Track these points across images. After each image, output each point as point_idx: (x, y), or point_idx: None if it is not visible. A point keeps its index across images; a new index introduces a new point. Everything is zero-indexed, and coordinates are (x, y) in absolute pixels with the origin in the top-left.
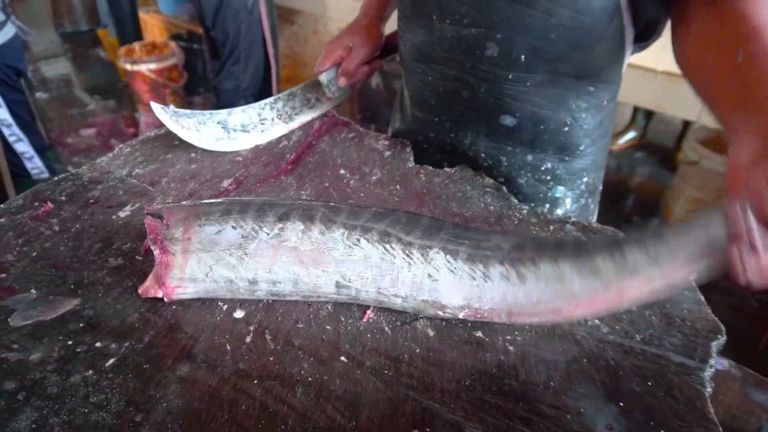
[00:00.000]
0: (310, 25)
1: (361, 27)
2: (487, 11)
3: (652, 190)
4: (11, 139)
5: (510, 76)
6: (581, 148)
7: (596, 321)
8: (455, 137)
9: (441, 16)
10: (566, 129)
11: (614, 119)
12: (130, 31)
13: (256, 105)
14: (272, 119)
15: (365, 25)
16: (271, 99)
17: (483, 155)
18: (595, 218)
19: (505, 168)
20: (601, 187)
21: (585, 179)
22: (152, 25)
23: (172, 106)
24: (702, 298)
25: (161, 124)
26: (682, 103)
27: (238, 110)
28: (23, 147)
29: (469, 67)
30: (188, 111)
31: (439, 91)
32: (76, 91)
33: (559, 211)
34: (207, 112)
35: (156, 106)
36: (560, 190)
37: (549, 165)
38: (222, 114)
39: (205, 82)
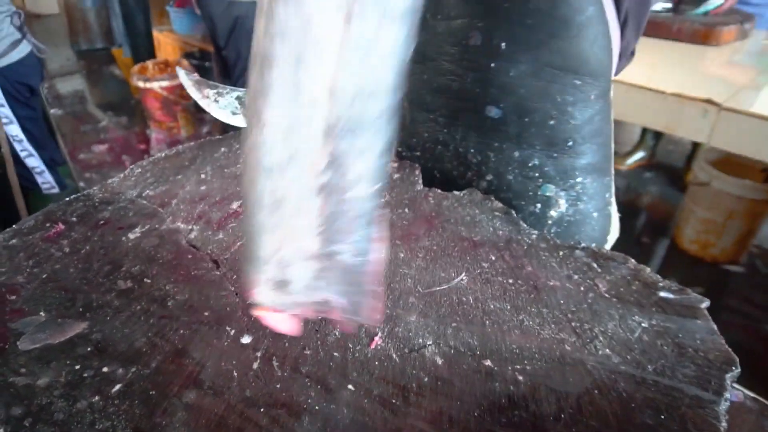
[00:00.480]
0: None
1: None
2: (472, 0)
3: (662, 211)
4: (22, 154)
5: (493, 65)
6: (569, 144)
7: (607, 350)
8: (448, 133)
9: (433, 13)
10: (552, 123)
11: (610, 122)
12: (144, 50)
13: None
14: None
15: None
16: None
17: (472, 151)
18: (613, 232)
19: (493, 164)
20: (611, 198)
21: (579, 179)
22: (165, 43)
23: (196, 74)
24: (715, 327)
25: (172, 142)
26: (692, 125)
27: None
28: (34, 162)
29: (458, 58)
30: (210, 82)
31: (434, 87)
32: (90, 108)
33: (553, 213)
34: (228, 87)
35: (181, 72)
36: (550, 189)
37: (537, 161)
38: (241, 91)
39: None
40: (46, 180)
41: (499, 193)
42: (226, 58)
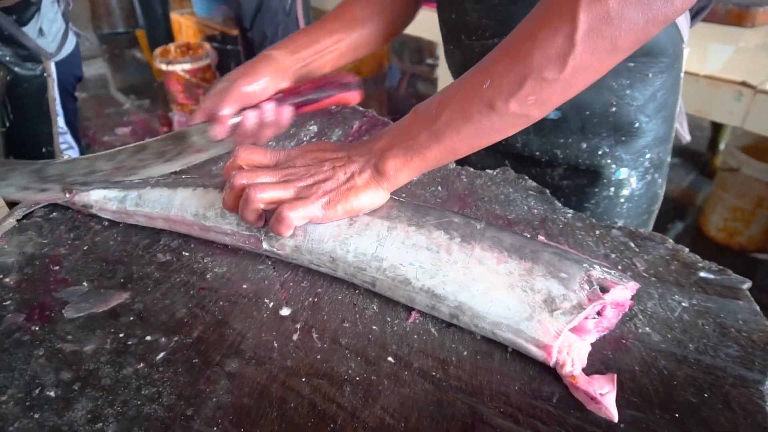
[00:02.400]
0: None
1: (244, 65)
2: (499, 16)
3: (685, 196)
4: (63, 146)
5: None
6: (636, 125)
7: (647, 329)
8: (506, 141)
9: (467, 35)
10: (613, 109)
11: (676, 91)
12: (161, 34)
13: (89, 156)
14: (109, 172)
15: (250, 61)
16: (113, 150)
17: (537, 153)
18: (662, 191)
19: (562, 159)
20: (668, 159)
21: (648, 155)
22: (186, 26)
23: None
24: (758, 308)
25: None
26: (725, 108)
27: (59, 162)
28: (73, 154)
29: None
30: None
31: None
32: (112, 91)
33: (626, 192)
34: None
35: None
36: (623, 172)
37: (606, 148)
38: (38, 164)
39: None
40: None
41: (575, 179)
42: (252, 39)
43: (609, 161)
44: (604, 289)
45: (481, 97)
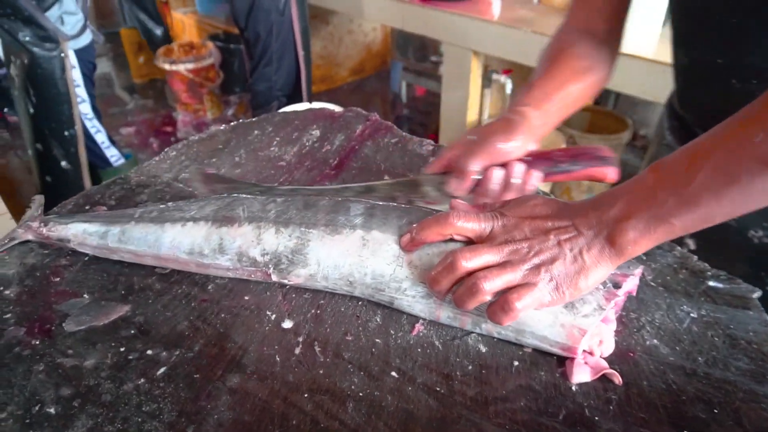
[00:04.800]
0: (345, 25)
1: (495, 120)
2: None
3: None
4: (92, 130)
5: None
6: None
7: (655, 341)
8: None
9: (743, 78)
10: None
11: None
12: (156, 35)
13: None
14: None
15: (502, 117)
16: (338, 185)
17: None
18: None
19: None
20: None
21: None
22: (189, 25)
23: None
24: None
25: (198, 124)
26: None
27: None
28: (102, 137)
29: None
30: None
31: None
32: (117, 90)
33: None
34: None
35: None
36: None
37: None
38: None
39: (242, 81)
40: (113, 153)
41: None
42: (247, 39)
43: None
44: (617, 285)
45: (752, 153)
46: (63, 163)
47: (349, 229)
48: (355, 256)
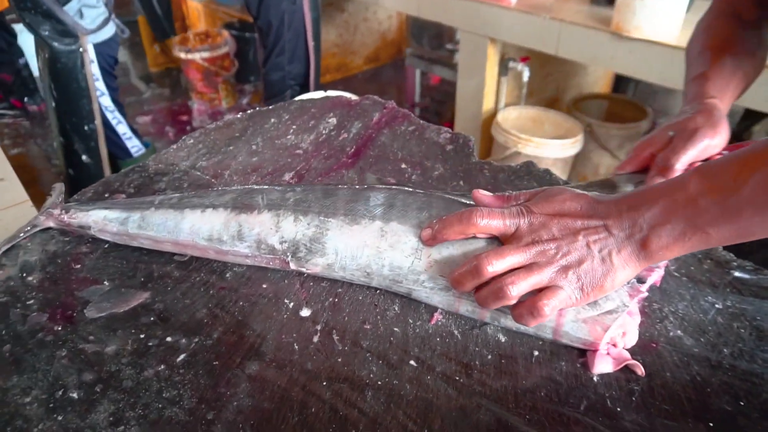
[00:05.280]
0: (360, 12)
1: (689, 114)
2: None
3: None
4: (113, 122)
5: None
6: None
7: (679, 332)
8: None
9: None
10: None
11: None
12: (164, 25)
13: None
14: None
15: (698, 111)
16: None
17: None
18: None
19: None
20: None
21: None
22: (205, 14)
23: None
24: None
25: (213, 113)
26: None
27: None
28: (123, 128)
29: None
30: None
31: None
32: (133, 80)
33: None
34: None
35: None
36: None
37: None
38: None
39: (256, 70)
40: (134, 144)
41: None
42: (261, 27)
43: None
44: (641, 280)
45: None
46: (84, 157)
47: (369, 219)
48: (374, 248)
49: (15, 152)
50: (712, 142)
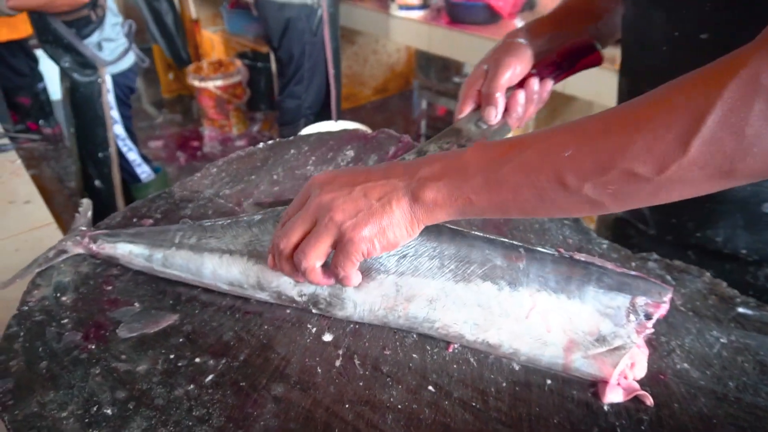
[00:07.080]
0: (370, 45)
1: (497, 49)
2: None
3: None
4: (124, 149)
5: None
6: None
7: (685, 365)
8: (702, 236)
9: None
10: None
11: None
12: (179, 51)
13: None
14: None
15: (502, 46)
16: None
17: (744, 251)
18: None
19: None
20: None
21: None
22: (218, 43)
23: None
24: None
25: (223, 140)
26: None
27: None
28: (133, 155)
29: None
30: None
31: None
32: (145, 105)
33: None
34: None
35: None
36: None
37: None
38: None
39: (267, 98)
40: (144, 170)
41: None
42: (281, 58)
43: None
44: (648, 316)
45: (555, 166)
46: (97, 182)
47: (383, 274)
48: (390, 301)
49: (30, 174)
50: (516, 70)
